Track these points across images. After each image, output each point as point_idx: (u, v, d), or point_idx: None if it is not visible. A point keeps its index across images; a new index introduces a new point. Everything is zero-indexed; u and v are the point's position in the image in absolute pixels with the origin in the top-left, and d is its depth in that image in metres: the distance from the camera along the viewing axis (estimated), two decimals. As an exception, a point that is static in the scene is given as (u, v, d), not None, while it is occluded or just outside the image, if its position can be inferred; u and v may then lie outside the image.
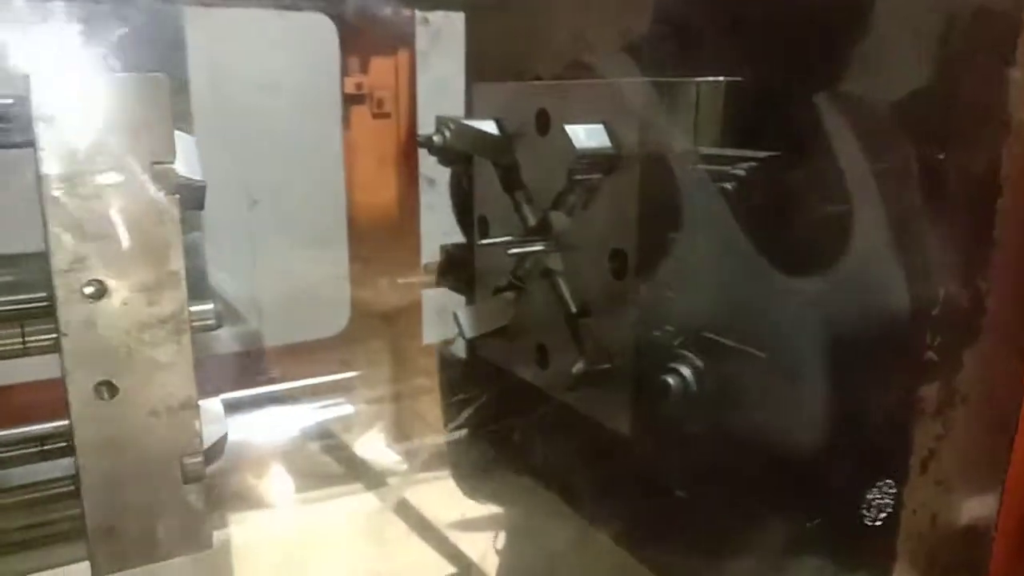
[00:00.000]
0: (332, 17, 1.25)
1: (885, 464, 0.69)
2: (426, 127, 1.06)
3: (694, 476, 0.78)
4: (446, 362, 1.23)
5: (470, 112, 1.05)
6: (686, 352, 0.76)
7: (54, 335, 0.57)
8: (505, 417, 1.09)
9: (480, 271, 1.03)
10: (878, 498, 0.65)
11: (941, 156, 0.64)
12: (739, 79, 0.75)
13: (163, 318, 0.59)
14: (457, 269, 1.12)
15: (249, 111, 1.42)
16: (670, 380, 0.75)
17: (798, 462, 0.70)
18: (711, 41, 0.79)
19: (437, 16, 1.81)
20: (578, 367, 0.82)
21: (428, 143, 1.04)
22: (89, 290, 0.56)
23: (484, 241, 0.95)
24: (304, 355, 1.37)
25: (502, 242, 0.89)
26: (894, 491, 0.66)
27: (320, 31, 1.29)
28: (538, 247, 0.87)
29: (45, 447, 0.70)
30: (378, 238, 1.43)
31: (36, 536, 0.65)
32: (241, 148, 1.39)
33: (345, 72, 1.30)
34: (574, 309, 0.85)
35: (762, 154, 0.70)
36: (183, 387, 0.60)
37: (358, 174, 1.38)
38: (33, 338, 0.59)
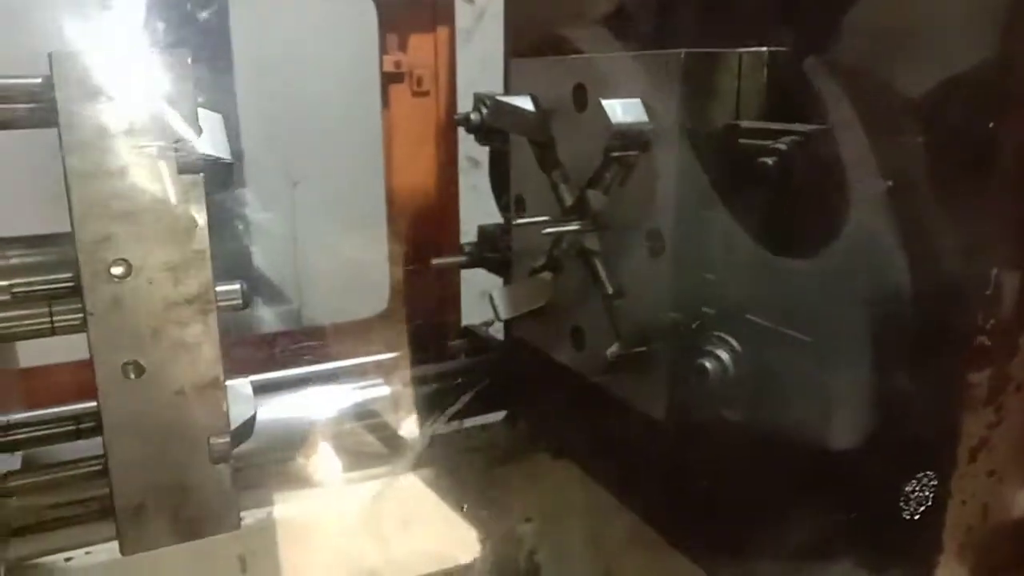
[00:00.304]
0: (371, -3, 1.24)
1: (929, 454, 0.65)
2: (468, 106, 1.05)
3: (728, 465, 0.75)
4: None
5: (508, 89, 1.03)
6: (724, 335, 0.74)
7: (81, 315, 0.57)
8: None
9: (516, 251, 1.01)
10: (917, 491, 0.62)
11: (991, 127, 0.60)
12: (783, 48, 0.72)
13: (189, 297, 0.59)
14: (494, 250, 1.10)
15: (290, 91, 1.42)
16: (707, 364, 0.73)
17: (838, 451, 0.67)
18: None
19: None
20: (613, 350, 0.80)
21: (465, 121, 1.03)
22: (116, 270, 0.56)
23: (519, 221, 0.94)
24: (344, 335, 1.37)
25: (537, 222, 0.87)
26: (935, 484, 0.63)
27: (359, 11, 1.28)
28: (573, 227, 0.85)
29: (81, 426, 0.71)
30: (418, 219, 1.42)
31: (68, 515, 0.65)
32: (282, 128, 1.39)
33: (384, 51, 1.29)
34: (610, 290, 0.83)
35: (808, 127, 0.67)
36: (210, 367, 0.60)
37: (397, 154, 1.37)
38: (61, 318, 0.59)
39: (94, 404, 0.61)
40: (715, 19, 0.81)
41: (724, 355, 0.73)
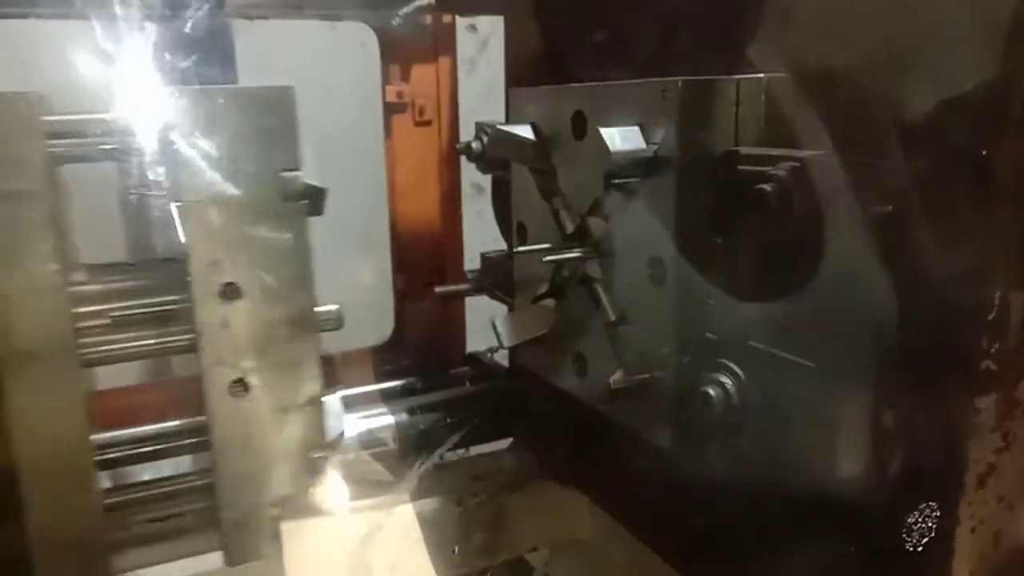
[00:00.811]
0: (373, 27, 1.26)
1: (936, 481, 0.64)
2: (471, 134, 1.06)
3: (730, 493, 0.74)
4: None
5: (509, 118, 1.04)
6: (728, 362, 0.74)
7: (189, 336, 0.57)
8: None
9: (518, 279, 1.01)
10: (919, 522, 0.61)
11: (987, 152, 0.60)
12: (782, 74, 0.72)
13: (292, 318, 0.62)
14: (497, 277, 1.10)
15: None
16: (711, 391, 0.73)
17: (843, 479, 0.66)
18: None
19: (484, 23, 1.81)
20: (615, 377, 0.79)
21: (467, 150, 1.04)
22: (224, 292, 0.59)
23: (520, 248, 0.94)
24: (349, 364, 1.37)
25: (538, 250, 0.87)
26: (937, 513, 0.62)
27: (362, 41, 1.29)
28: (574, 254, 0.85)
29: (185, 442, 0.71)
30: (422, 246, 1.42)
31: (168, 528, 0.66)
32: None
33: (386, 81, 1.30)
34: (612, 317, 0.83)
35: (804, 153, 0.67)
36: (311, 384, 0.63)
37: (401, 182, 1.38)
38: (172, 339, 0.61)
39: (189, 421, 0.62)
40: (712, 46, 0.81)
41: (727, 382, 0.73)
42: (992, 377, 0.63)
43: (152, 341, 0.61)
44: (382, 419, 1.12)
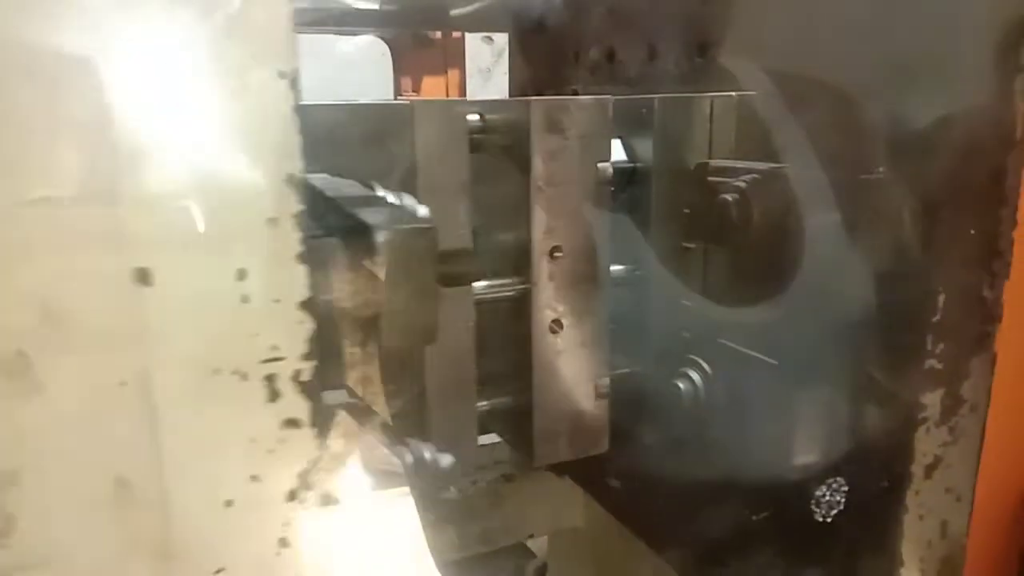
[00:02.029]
0: (386, 41, 1.32)
1: (885, 470, 0.69)
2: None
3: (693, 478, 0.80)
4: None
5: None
6: (697, 358, 0.79)
7: (523, 286, 0.76)
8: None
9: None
10: (827, 495, 0.66)
11: (944, 167, 0.65)
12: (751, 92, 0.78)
13: (591, 273, 0.77)
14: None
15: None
16: (680, 385, 0.78)
17: (799, 468, 0.71)
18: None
19: (500, 36, 1.87)
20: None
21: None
22: (553, 253, 0.75)
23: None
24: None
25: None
26: (845, 489, 0.67)
27: (375, 54, 1.36)
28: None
29: None
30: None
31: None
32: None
33: (398, 92, 1.36)
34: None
35: (765, 166, 0.72)
36: (600, 328, 0.79)
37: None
38: (514, 288, 0.76)
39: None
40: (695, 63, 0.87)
41: (696, 377, 0.78)
42: (936, 375, 0.68)
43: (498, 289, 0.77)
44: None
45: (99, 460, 0.43)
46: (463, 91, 1.46)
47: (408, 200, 0.62)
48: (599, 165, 0.75)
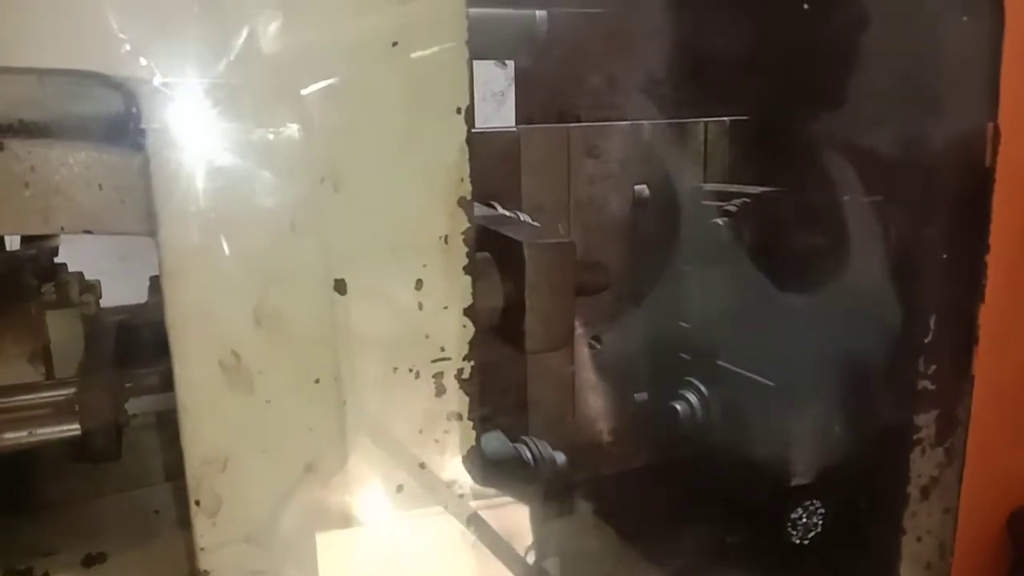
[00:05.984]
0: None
1: (881, 492, 0.69)
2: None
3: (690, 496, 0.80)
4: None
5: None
6: (695, 380, 0.80)
7: None
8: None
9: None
10: (803, 518, 0.66)
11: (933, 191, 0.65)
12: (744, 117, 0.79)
13: None
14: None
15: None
16: (678, 406, 0.79)
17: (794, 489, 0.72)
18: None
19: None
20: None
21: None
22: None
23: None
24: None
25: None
26: (822, 512, 0.67)
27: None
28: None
29: None
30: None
31: None
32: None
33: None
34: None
35: (758, 189, 0.73)
36: None
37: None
38: None
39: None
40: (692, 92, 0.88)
41: (694, 398, 0.79)
42: (930, 396, 0.68)
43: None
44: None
45: (293, 447, 0.49)
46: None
47: (525, 217, 0.68)
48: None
